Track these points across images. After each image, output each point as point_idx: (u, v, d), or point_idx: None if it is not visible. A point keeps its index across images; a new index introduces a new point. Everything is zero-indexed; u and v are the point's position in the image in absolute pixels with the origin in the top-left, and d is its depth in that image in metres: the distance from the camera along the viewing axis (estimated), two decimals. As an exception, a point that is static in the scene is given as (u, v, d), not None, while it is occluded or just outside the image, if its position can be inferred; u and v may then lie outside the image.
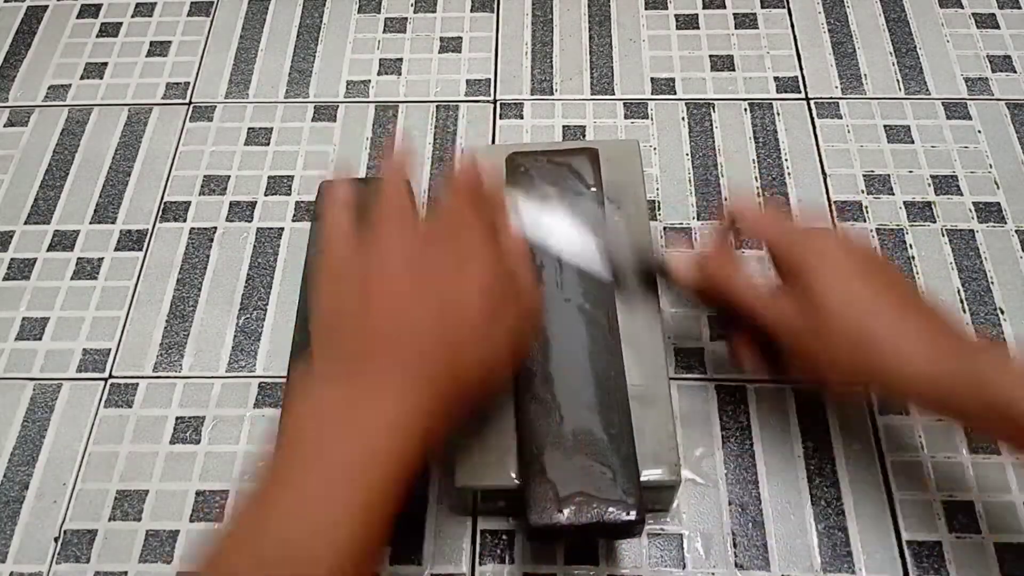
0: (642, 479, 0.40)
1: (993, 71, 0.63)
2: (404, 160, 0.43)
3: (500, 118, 0.62)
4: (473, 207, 0.39)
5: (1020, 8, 0.66)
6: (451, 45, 0.66)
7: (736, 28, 0.66)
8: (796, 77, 0.63)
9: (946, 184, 0.57)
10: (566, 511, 0.38)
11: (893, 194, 0.57)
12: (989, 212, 0.56)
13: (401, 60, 0.65)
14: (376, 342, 0.34)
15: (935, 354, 0.38)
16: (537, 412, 0.41)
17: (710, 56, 0.64)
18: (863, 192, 0.57)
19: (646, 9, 0.67)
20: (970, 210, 0.56)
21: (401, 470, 0.32)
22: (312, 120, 0.63)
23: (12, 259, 0.57)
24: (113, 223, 0.58)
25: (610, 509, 0.38)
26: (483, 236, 0.38)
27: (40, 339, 0.54)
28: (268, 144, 0.62)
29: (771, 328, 0.42)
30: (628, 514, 0.38)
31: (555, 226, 0.46)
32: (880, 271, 0.42)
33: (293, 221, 0.58)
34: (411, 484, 0.32)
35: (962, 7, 0.66)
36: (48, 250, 0.57)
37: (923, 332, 0.39)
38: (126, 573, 0.46)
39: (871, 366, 0.39)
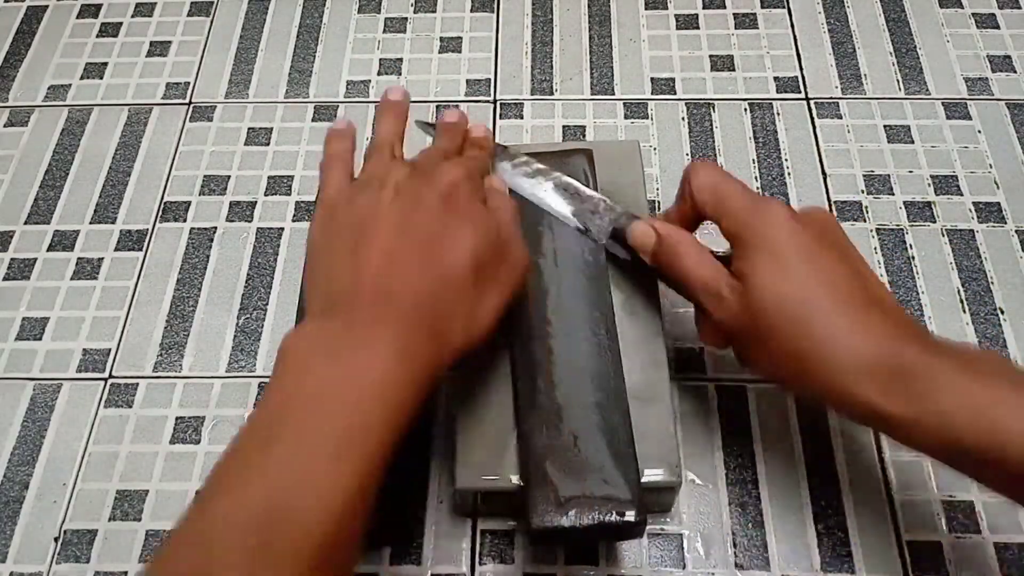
0: (643, 480, 0.40)
1: (993, 71, 0.63)
2: (402, 100, 0.44)
3: (500, 118, 0.62)
4: (463, 157, 0.39)
5: (1020, 8, 0.66)
6: (451, 45, 0.66)
7: (736, 28, 0.66)
8: (796, 77, 0.63)
9: (946, 184, 0.57)
10: (567, 513, 0.38)
11: (893, 194, 0.57)
12: (989, 212, 0.56)
13: (401, 60, 0.65)
14: (366, 289, 0.34)
15: (880, 359, 0.34)
16: (537, 413, 0.41)
17: (710, 56, 0.64)
18: (863, 192, 0.57)
19: (646, 9, 0.67)
20: (970, 210, 0.56)
21: (393, 421, 0.31)
22: (312, 120, 0.63)
23: (12, 259, 0.57)
24: (113, 223, 0.58)
25: (612, 511, 0.38)
26: (472, 189, 0.38)
27: (40, 339, 0.54)
28: (268, 144, 0.62)
29: (709, 316, 0.39)
30: (630, 515, 0.38)
31: (532, 183, 0.47)
32: (829, 253, 0.37)
33: (293, 221, 0.58)
34: (402, 438, 0.31)
35: (962, 7, 0.66)
36: (48, 250, 0.57)
37: (870, 332, 0.35)
38: (126, 573, 0.46)
39: (808, 371, 0.35)
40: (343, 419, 0.30)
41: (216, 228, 0.58)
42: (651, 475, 0.40)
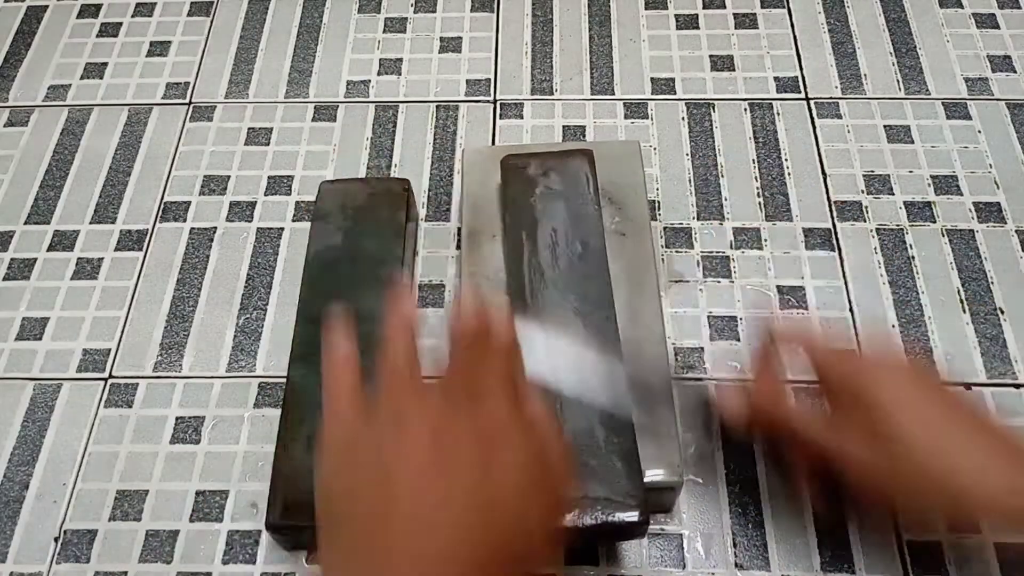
0: (645, 480, 0.40)
1: (993, 71, 0.63)
2: (412, 313, 0.37)
3: (500, 118, 0.62)
4: (488, 360, 0.34)
5: (1020, 8, 0.66)
6: (451, 45, 0.66)
7: (736, 28, 0.66)
8: (796, 77, 0.63)
9: (946, 184, 0.57)
10: (570, 514, 0.38)
11: (893, 194, 0.57)
12: (989, 212, 0.56)
13: (401, 60, 0.65)
14: (398, 548, 0.29)
15: (1018, 483, 0.36)
16: (537, 412, 0.41)
17: (710, 56, 0.64)
18: (863, 192, 0.57)
19: (646, 9, 0.67)
20: (970, 210, 0.56)
21: None
22: (312, 120, 0.63)
23: (12, 259, 0.57)
24: (113, 223, 0.58)
25: (614, 511, 0.38)
26: (508, 401, 0.33)
27: (40, 339, 0.54)
28: (268, 144, 0.62)
29: (835, 459, 0.40)
30: (632, 516, 0.38)
31: (570, 366, 0.43)
32: (942, 394, 0.40)
33: (293, 221, 0.58)
34: None
35: (962, 7, 0.66)
36: (48, 250, 0.57)
37: (1004, 458, 0.37)
38: (126, 573, 0.46)
39: (951, 495, 0.37)
40: None
41: (216, 228, 0.58)
42: (652, 475, 0.40)
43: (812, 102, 0.62)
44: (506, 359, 0.35)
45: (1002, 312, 0.52)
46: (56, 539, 0.47)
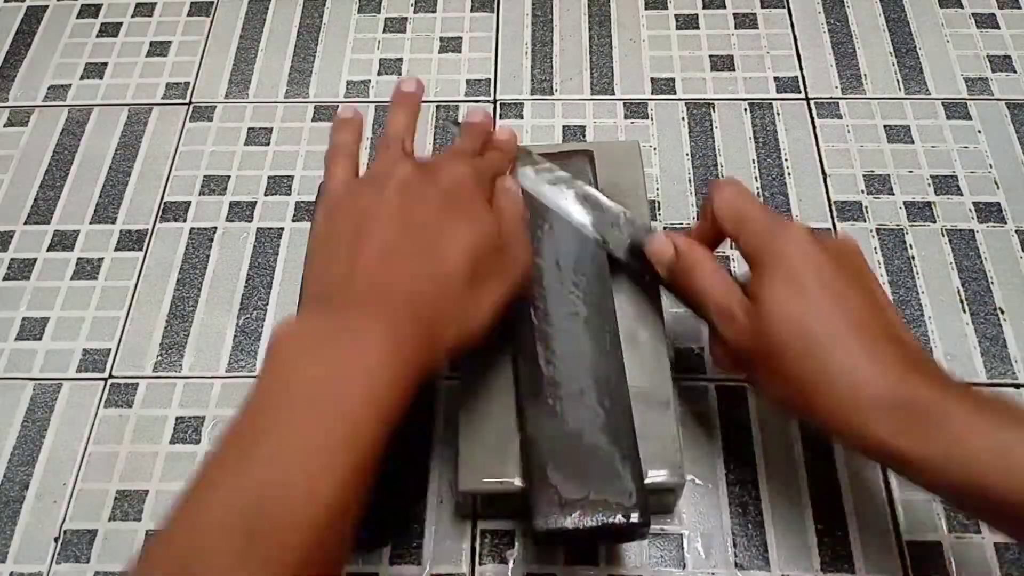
0: (646, 481, 0.39)
1: (993, 71, 0.63)
2: (416, 91, 0.43)
3: (500, 118, 0.62)
4: (480, 155, 0.39)
5: (1020, 8, 0.66)
6: (451, 45, 0.66)
7: (736, 28, 0.66)
8: (796, 77, 0.63)
9: (946, 184, 0.57)
10: (571, 515, 0.38)
11: (893, 194, 0.57)
12: (989, 212, 0.56)
13: (401, 60, 0.65)
14: (360, 284, 0.34)
15: (895, 396, 0.33)
16: (539, 415, 0.41)
17: (710, 56, 0.64)
18: (863, 192, 0.57)
19: (646, 9, 0.67)
20: (970, 210, 0.56)
21: (382, 417, 0.30)
22: (312, 120, 0.63)
23: (12, 259, 0.57)
24: (113, 223, 0.58)
25: (615, 513, 0.38)
26: (478, 190, 0.38)
27: (40, 339, 0.54)
28: (268, 144, 0.62)
29: (721, 336, 0.39)
30: (634, 517, 0.38)
31: (554, 190, 0.46)
32: (848, 281, 0.36)
33: (293, 221, 0.58)
34: (391, 434, 0.31)
35: (962, 7, 0.66)
36: (48, 250, 0.57)
37: (886, 367, 0.34)
38: (126, 573, 0.46)
39: (817, 400, 0.35)
40: (331, 415, 0.30)
41: (216, 228, 0.58)
42: (654, 476, 0.40)
43: (812, 102, 0.62)
44: (495, 157, 0.41)
45: (1002, 312, 0.53)
46: (56, 539, 0.47)
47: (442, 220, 0.36)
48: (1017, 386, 0.50)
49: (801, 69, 0.64)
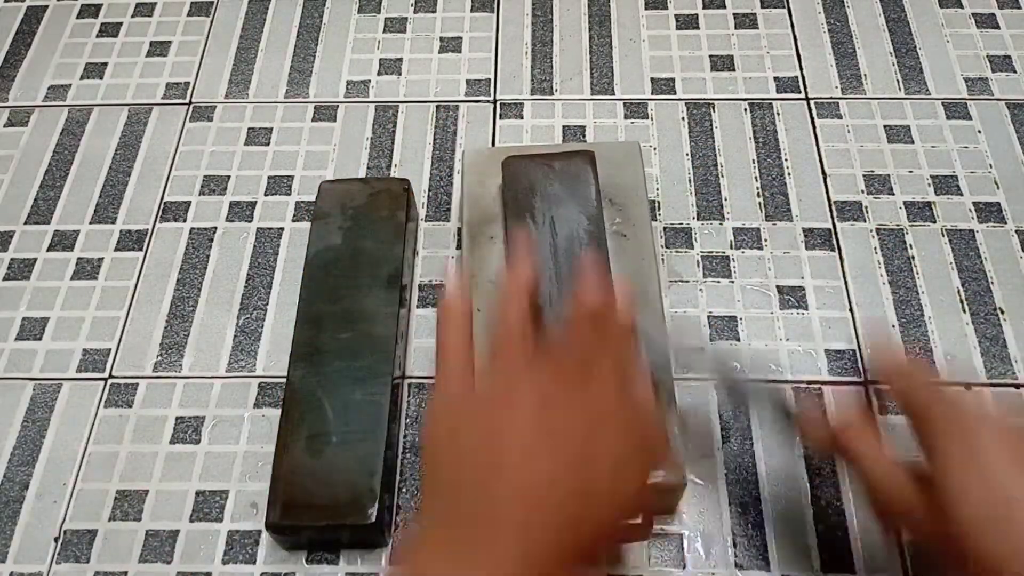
0: (648, 482, 0.39)
1: (993, 71, 0.63)
2: (530, 277, 0.37)
3: (500, 118, 0.62)
4: (606, 341, 0.34)
5: (1020, 8, 0.66)
6: (451, 45, 0.66)
7: (736, 28, 0.66)
8: (796, 77, 0.63)
9: (946, 184, 0.57)
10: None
11: (893, 194, 0.57)
12: (989, 212, 0.56)
13: (401, 60, 0.65)
14: (504, 501, 0.30)
15: None
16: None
17: (710, 56, 0.64)
18: (863, 192, 0.57)
19: (646, 9, 0.67)
20: (970, 210, 0.56)
21: None
22: (312, 120, 0.63)
23: (12, 259, 0.57)
24: (113, 223, 0.58)
25: None
26: (618, 384, 0.34)
27: (40, 339, 0.54)
28: (268, 144, 0.62)
29: (895, 522, 0.37)
30: (635, 518, 0.38)
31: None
32: None
33: (293, 221, 0.58)
34: None
35: (962, 7, 0.66)
36: (48, 250, 0.57)
37: None
38: (126, 573, 0.46)
39: None
40: None
41: (216, 228, 0.58)
42: (655, 477, 0.40)
43: (812, 102, 0.62)
44: (624, 343, 0.35)
45: (1002, 312, 0.53)
46: (56, 539, 0.47)
47: (586, 419, 0.32)
48: (1017, 386, 0.50)
49: (801, 69, 0.64)
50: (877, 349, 0.38)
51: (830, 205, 0.57)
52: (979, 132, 0.60)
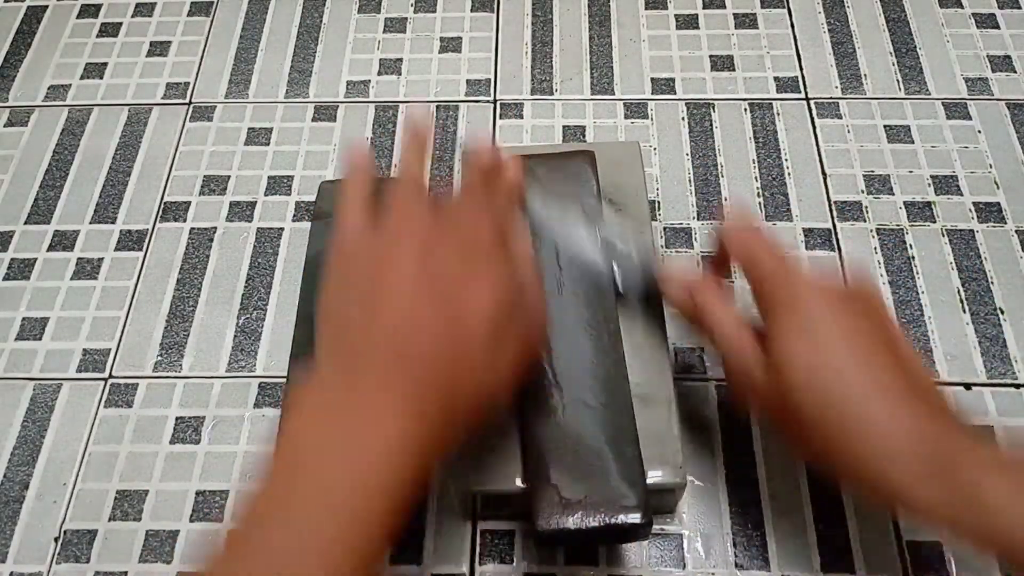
0: (648, 482, 0.39)
1: (993, 71, 0.63)
2: (424, 145, 0.42)
3: (500, 118, 0.62)
4: (490, 201, 0.37)
5: (1020, 8, 0.66)
6: (451, 45, 0.66)
7: (736, 28, 0.66)
8: (796, 77, 0.63)
9: (946, 184, 0.57)
10: (573, 516, 0.38)
11: (893, 194, 0.57)
12: (989, 212, 0.56)
13: (401, 60, 0.65)
14: (380, 347, 0.33)
15: (918, 448, 0.33)
16: (540, 415, 0.41)
17: (710, 56, 0.64)
18: (863, 192, 0.57)
19: (646, 9, 0.67)
20: (970, 210, 0.56)
21: (398, 494, 0.30)
22: (312, 120, 0.63)
23: (12, 259, 0.57)
24: (113, 223, 0.58)
25: (617, 513, 0.38)
26: (497, 239, 0.36)
27: (40, 339, 0.54)
28: (268, 144, 0.62)
29: (735, 381, 0.39)
30: (635, 518, 0.38)
31: (560, 228, 0.46)
32: (865, 332, 0.36)
33: (293, 221, 0.58)
34: (408, 508, 0.31)
35: (962, 7, 0.66)
36: (48, 250, 0.57)
37: (908, 419, 0.34)
38: (126, 573, 0.46)
39: (836, 448, 0.35)
40: (345, 494, 0.30)
41: (216, 228, 0.58)
42: (654, 476, 0.40)
43: (812, 102, 0.62)
44: (506, 199, 0.39)
45: (1002, 312, 0.53)
46: (56, 539, 0.47)
47: (462, 277, 0.34)
48: (1017, 386, 0.50)
49: (801, 69, 0.64)
50: (730, 217, 0.40)
51: (830, 205, 0.57)
52: (979, 132, 0.60)
